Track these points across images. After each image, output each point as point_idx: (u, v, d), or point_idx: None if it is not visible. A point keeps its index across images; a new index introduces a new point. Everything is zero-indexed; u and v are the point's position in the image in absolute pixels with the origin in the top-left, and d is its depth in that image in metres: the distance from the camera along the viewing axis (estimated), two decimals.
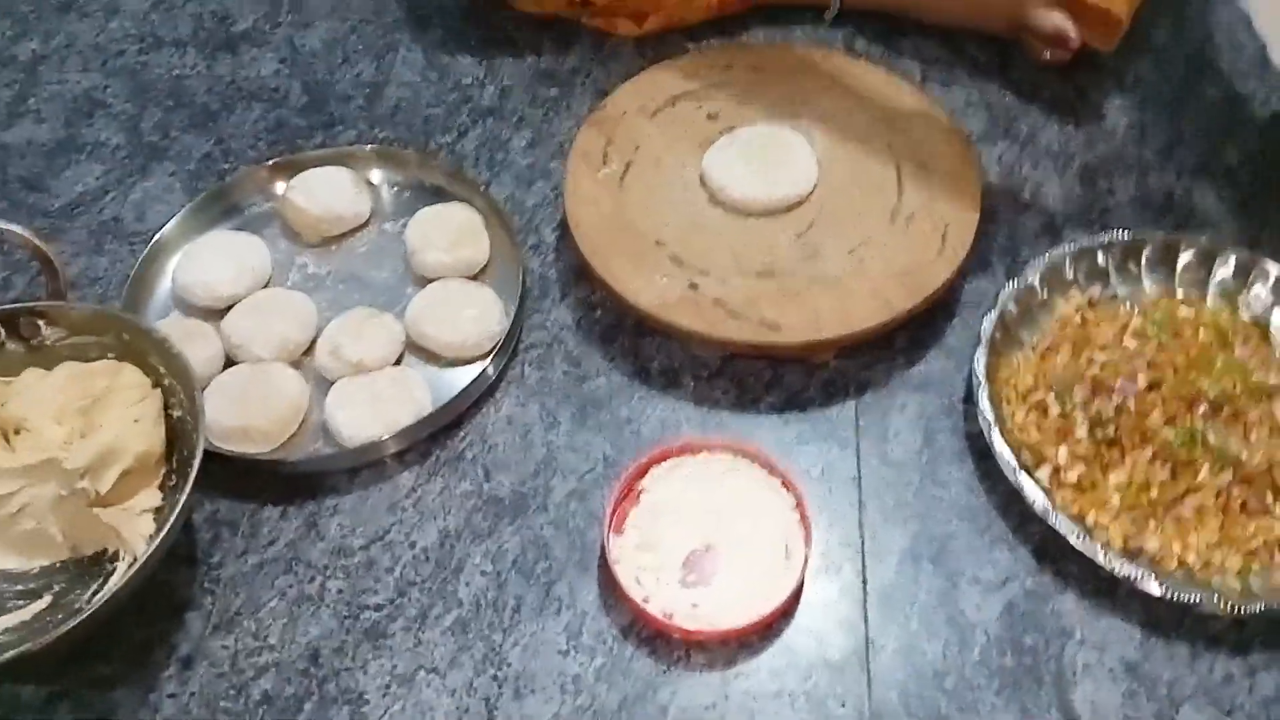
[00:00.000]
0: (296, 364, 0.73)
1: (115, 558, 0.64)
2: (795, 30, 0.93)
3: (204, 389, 0.67)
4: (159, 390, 0.67)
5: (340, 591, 0.64)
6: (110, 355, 0.68)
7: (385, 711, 0.60)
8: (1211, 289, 0.75)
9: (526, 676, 0.61)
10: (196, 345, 0.71)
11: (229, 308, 0.75)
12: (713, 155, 0.78)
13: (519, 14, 0.92)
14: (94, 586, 0.63)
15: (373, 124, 0.88)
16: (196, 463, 0.62)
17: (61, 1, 0.99)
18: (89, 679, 0.62)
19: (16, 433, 0.65)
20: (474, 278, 0.77)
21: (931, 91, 0.86)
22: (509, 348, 0.73)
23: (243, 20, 0.97)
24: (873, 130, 0.80)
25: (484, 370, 0.71)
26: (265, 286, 0.77)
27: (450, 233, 0.77)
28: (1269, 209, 0.81)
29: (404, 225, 0.79)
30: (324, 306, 0.76)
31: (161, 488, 0.66)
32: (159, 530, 0.61)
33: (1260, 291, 0.74)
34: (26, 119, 0.91)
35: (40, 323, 0.68)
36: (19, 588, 0.64)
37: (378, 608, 0.64)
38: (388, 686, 0.61)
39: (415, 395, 0.70)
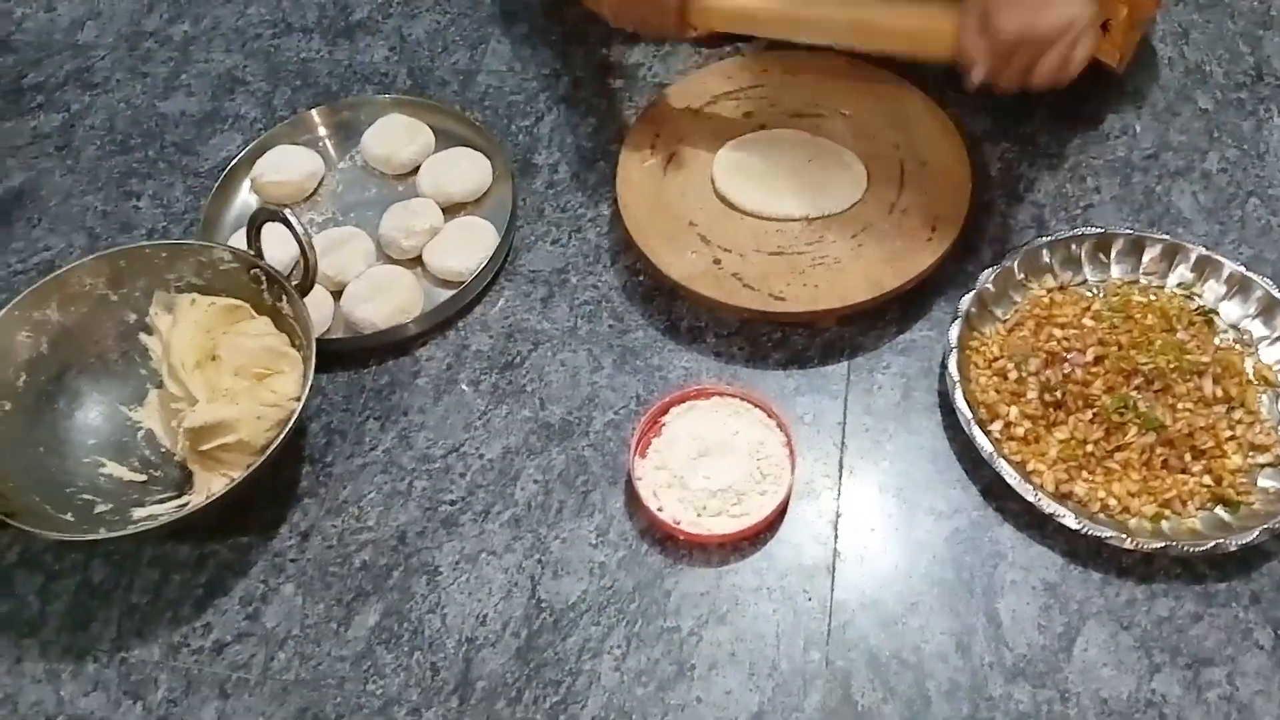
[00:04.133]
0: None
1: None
2: None
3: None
4: (297, 404, 0.77)
5: (424, 489, 0.82)
6: (302, 352, 0.81)
7: (454, 581, 0.77)
8: (1171, 281, 0.87)
9: (564, 562, 0.77)
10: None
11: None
12: (721, 169, 0.91)
13: (591, 12, 1.06)
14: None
15: (464, 107, 1.04)
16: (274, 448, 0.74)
17: None
18: (230, 545, 0.80)
19: (214, 359, 0.81)
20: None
21: (947, 93, 0.98)
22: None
23: (360, 10, 1.14)
24: (884, 131, 0.93)
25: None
26: None
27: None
28: (1234, 212, 0.92)
29: None
30: None
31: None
32: (230, 487, 0.74)
33: (1214, 285, 0.86)
34: (180, 92, 1.09)
35: (283, 294, 0.82)
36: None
37: (452, 503, 0.81)
38: (457, 563, 0.78)
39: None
